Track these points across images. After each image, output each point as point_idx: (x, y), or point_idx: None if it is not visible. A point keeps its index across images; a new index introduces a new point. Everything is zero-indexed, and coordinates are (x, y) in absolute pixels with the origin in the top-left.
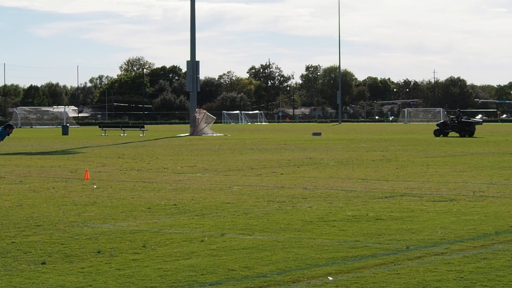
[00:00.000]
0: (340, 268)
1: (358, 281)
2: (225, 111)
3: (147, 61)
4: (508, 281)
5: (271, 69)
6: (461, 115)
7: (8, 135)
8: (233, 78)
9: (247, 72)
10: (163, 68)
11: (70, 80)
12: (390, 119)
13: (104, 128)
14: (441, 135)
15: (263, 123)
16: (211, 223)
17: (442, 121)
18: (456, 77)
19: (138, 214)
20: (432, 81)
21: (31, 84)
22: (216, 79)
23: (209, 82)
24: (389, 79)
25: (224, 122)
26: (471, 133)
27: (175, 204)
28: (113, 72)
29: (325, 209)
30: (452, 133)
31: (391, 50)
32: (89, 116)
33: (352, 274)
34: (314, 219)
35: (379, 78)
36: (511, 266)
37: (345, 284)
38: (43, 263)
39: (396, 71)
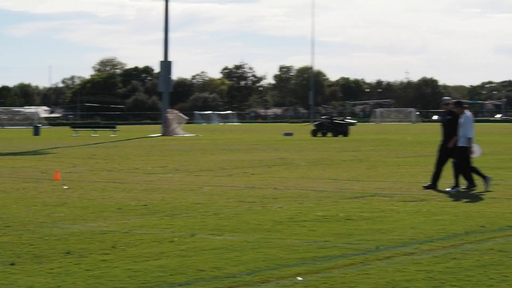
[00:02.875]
0: (309, 268)
1: (328, 281)
2: (197, 112)
3: (119, 61)
4: (477, 281)
5: (244, 69)
6: (333, 116)
7: None
8: (206, 78)
9: (220, 72)
10: (136, 68)
11: (42, 80)
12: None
13: (75, 129)
14: (319, 135)
15: (235, 124)
16: (181, 224)
17: (319, 121)
18: (428, 77)
19: (108, 214)
20: (405, 81)
21: (3, 85)
22: (189, 79)
23: (181, 83)
24: (362, 79)
25: (196, 123)
26: (344, 134)
27: (145, 205)
28: (86, 72)
29: (296, 210)
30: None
31: (364, 50)
32: (61, 116)
33: (322, 274)
34: (284, 219)
35: (351, 78)
36: (480, 266)
37: (315, 284)
38: (12, 264)
39: (369, 71)
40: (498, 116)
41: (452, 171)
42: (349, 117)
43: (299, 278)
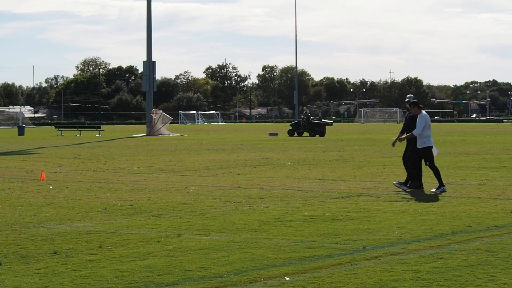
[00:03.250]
0: (297, 268)
1: (315, 281)
2: (181, 111)
3: (103, 61)
4: (464, 281)
5: (227, 69)
6: (310, 116)
7: None
8: (190, 78)
9: (204, 72)
10: (120, 68)
11: (26, 80)
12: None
13: (60, 129)
14: (295, 135)
15: (219, 124)
16: (167, 224)
17: (295, 121)
18: (412, 77)
19: (95, 214)
20: (389, 81)
21: None
22: (173, 79)
23: (165, 82)
24: (346, 79)
25: (180, 122)
26: (321, 133)
27: (131, 205)
28: (69, 72)
29: (282, 209)
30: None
31: (347, 50)
32: (45, 116)
33: (309, 274)
34: (271, 219)
35: (335, 78)
36: (468, 266)
37: (302, 284)
38: None
39: (353, 71)
40: (473, 116)
41: (433, 172)
42: (329, 117)
43: (287, 278)
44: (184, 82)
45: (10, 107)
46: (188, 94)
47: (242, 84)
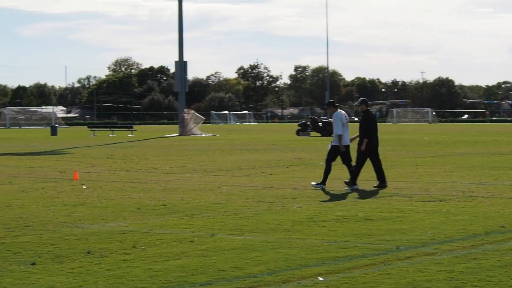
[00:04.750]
0: (330, 268)
1: (349, 281)
2: (213, 111)
3: (135, 62)
4: (498, 281)
5: (259, 69)
6: (316, 119)
7: None
8: (221, 78)
9: (236, 72)
10: (151, 68)
11: (58, 80)
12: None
13: (93, 129)
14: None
15: (251, 124)
16: (201, 224)
17: (303, 122)
18: (444, 77)
19: (128, 214)
20: (420, 81)
21: (19, 85)
22: (204, 79)
23: (197, 83)
24: (377, 79)
25: (212, 123)
26: (330, 133)
27: (164, 205)
28: (101, 72)
29: (315, 210)
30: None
31: (378, 50)
32: (77, 116)
33: (342, 274)
34: (304, 219)
35: (367, 79)
36: (501, 266)
37: (336, 284)
38: (33, 264)
39: (384, 71)
40: (465, 116)
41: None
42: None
43: (320, 278)
44: (215, 82)
45: (42, 107)
46: (220, 94)
47: (274, 84)
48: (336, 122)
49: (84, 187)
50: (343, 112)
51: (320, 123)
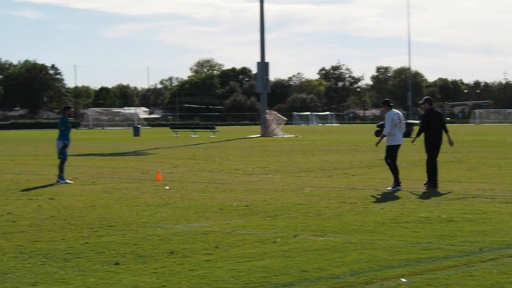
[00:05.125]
0: (413, 269)
1: (431, 283)
2: (295, 112)
3: (217, 63)
4: None
5: (341, 70)
6: None
7: (70, 116)
8: (303, 79)
9: (317, 73)
10: (233, 69)
11: (141, 81)
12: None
13: (175, 129)
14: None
15: (333, 124)
16: (283, 224)
17: (381, 122)
18: None
19: (210, 215)
20: (503, 82)
21: (102, 86)
22: (286, 80)
23: (279, 84)
24: (460, 80)
25: (294, 124)
26: (407, 134)
27: (247, 205)
28: (183, 73)
29: (397, 211)
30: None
31: (460, 51)
32: (160, 117)
33: (425, 276)
34: (387, 220)
35: (449, 79)
36: None
37: (418, 286)
38: (117, 264)
39: (466, 72)
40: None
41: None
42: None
43: (403, 280)
44: (297, 83)
45: (125, 108)
46: (302, 95)
47: (356, 85)
48: (387, 122)
49: (167, 187)
50: (396, 111)
51: None
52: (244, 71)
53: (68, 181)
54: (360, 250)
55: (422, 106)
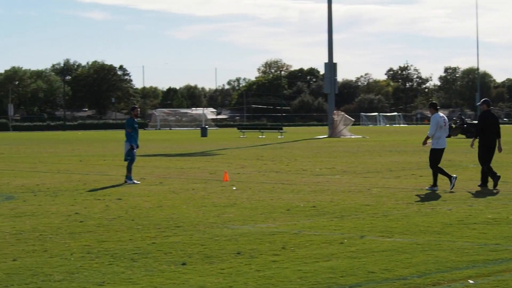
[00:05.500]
0: (480, 271)
1: (499, 284)
2: (363, 113)
3: (284, 63)
4: None
5: (409, 71)
6: (463, 118)
7: (136, 116)
8: (371, 80)
9: (385, 74)
10: (301, 70)
11: (208, 82)
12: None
13: (242, 130)
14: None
15: (401, 125)
16: (350, 225)
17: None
18: None
19: (277, 215)
20: None
21: (170, 86)
22: (354, 81)
23: (346, 84)
24: None
25: (362, 124)
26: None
27: (314, 206)
28: (251, 74)
29: (465, 212)
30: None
31: None
32: (227, 118)
33: (493, 278)
34: (454, 221)
35: None
36: None
37: (486, 287)
38: (184, 264)
39: None
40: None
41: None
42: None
43: (471, 281)
44: (364, 84)
45: (193, 108)
46: (369, 96)
47: (424, 86)
48: (432, 124)
49: (234, 188)
50: (442, 114)
51: (465, 125)
52: (312, 71)
53: (135, 181)
54: (427, 252)
55: (480, 108)
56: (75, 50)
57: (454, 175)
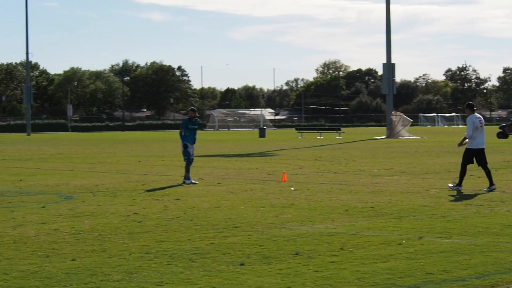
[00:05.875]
0: None
1: None
2: (421, 114)
3: (342, 64)
4: None
5: (467, 72)
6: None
7: (191, 119)
8: (429, 80)
9: (443, 74)
10: (359, 70)
11: (266, 82)
12: None
13: (300, 131)
14: (504, 138)
15: (459, 126)
16: (408, 226)
17: (503, 124)
18: None
19: (336, 216)
20: None
21: (228, 87)
22: (412, 81)
23: (405, 85)
24: None
25: (420, 125)
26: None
27: (372, 207)
28: (309, 74)
29: None
30: None
31: None
32: (285, 118)
33: None
34: None
35: None
36: None
37: None
38: (242, 264)
39: None
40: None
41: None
42: None
43: None
44: (423, 85)
45: (251, 109)
46: (428, 97)
47: (482, 87)
48: (468, 125)
49: (292, 188)
50: (478, 115)
51: None
52: (370, 72)
53: (194, 182)
54: (486, 253)
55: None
56: (133, 51)
57: (460, 188)
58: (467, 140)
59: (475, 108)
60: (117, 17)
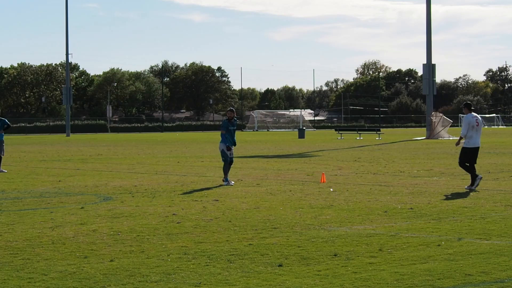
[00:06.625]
0: None
1: None
2: (461, 115)
3: (383, 65)
4: None
5: (508, 72)
6: None
7: (230, 120)
8: (469, 81)
9: (484, 75)
10: (399, 71)
11: (306, 83)
12: None
13: (340, 132)
14: None
15: (500, 127)
16: (448, 227)
17: None
18: None
19: (375, 217)
20: None
21: (268, 88)
22: (452, 82)
23: (445, 85)
24: None
25: (460, 126)
26: None
27: (411, 208)
28: (349, 75)
29: None
30: None
31: None
32: (325, 119)
33: None
34: None
35: None
36: None
37: None
38: (280, 265)
39: None
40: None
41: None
42: None
43: None
44: (463, 85)
45: (291, 110)
46: (468, 97)
47: None
48: (464, 124)
49: (332, 189)
50: (475, 115)
51: None
52: (410, 72)
53: (232, 182)
54: None
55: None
56: (173, 52)
57: (480, 175)
58: (463, 139)
59: (472, 108)
60: (157, 18)
